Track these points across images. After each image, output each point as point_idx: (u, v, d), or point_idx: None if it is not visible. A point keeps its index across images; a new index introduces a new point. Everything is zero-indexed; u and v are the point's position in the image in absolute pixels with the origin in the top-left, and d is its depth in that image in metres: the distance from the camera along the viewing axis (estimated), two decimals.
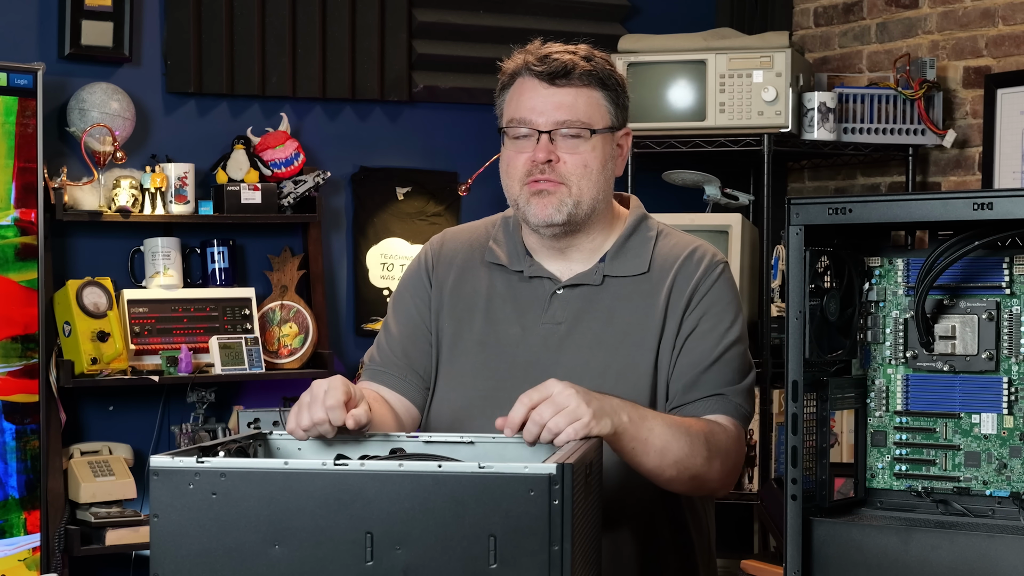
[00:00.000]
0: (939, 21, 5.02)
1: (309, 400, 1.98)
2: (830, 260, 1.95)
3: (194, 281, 4.64)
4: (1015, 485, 1.89)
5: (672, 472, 2.11)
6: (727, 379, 2.24)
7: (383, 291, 4.96)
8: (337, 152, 4.91)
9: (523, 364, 2.25)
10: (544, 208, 2.23)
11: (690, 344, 2.24)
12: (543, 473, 1.61)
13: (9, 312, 4.08)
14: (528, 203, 2.24)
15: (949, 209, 1.79)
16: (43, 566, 4.10)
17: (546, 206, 2.23)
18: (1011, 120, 4.74)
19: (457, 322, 2.32)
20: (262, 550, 1.65)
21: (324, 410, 1.96)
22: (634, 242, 2.31)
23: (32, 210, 4.11)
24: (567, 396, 1.94)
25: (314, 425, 1.97)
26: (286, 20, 4.74)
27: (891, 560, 1.83)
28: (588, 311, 2.26)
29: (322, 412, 1.96)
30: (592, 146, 2.23)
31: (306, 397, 1.99)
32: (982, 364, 1.91)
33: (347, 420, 1.96)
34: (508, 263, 2.32)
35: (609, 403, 2.00)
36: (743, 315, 2.31)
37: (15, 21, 4.41)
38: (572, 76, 2.22)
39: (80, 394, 4.44)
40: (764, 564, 4.55)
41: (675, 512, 2.28)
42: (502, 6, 5.15)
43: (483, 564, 1.61)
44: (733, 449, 2.21)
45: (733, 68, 4.70)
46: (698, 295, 2.25)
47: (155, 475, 1.69)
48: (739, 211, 4.81)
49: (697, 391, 2.22)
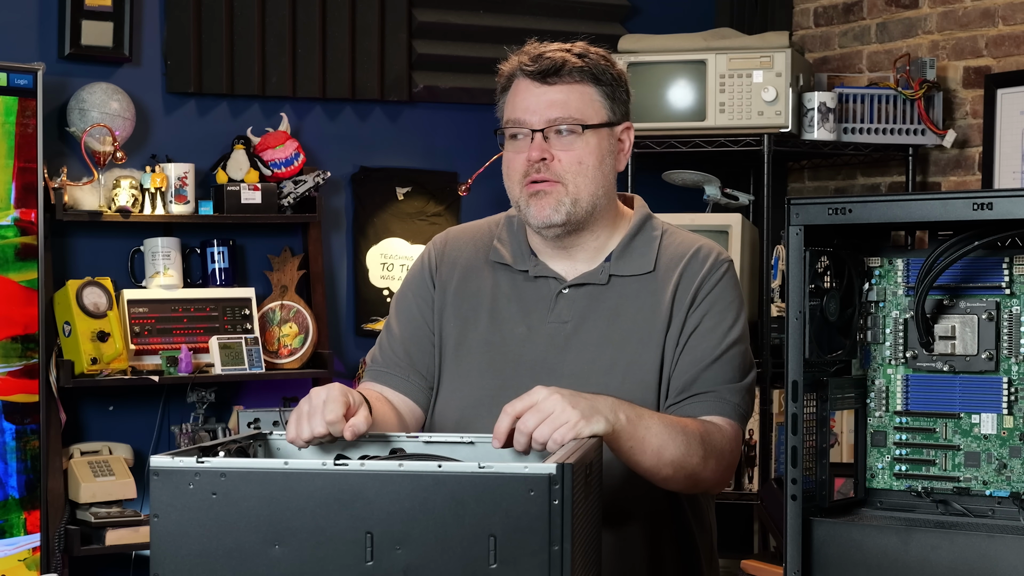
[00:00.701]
0: (939, 21, 5.02)
1: (308, 410, 1.97)
2: (830, 260, 1.95)
3: (194, 281, 4.64)
4: (1015, 485, 1.89)
5: (668, 471, 2.11)
6: (727, 377, 2.24)
7: (383, 291, 4.96)
8: (337, 152, 4.91)
9: (529, 363, 2.25)
10: (542, 209, 2.23)
11: (693, 342, 2.24)
12: (543, 473, 1.61)
13: (9, 312, 4.08)
14: (527, 205, 2.24)
15: (949, 209, 1.79)
16: (43, 566, 4.10)
17: (544, 207, 2.23)
18: (1011, 120, 4.74)
19: (462, 322, 2.32)
20: (262, 550, 1.65)
21: (324, 425, 1.95)
22: (639, 241, 2.31)
23: (32, 210, 4.11)
24: (552, 403, 1.92)
25: (314, 437, 1.97)
26: (286, 20, 4.75)
27: (891, 560, 1.83)
28: (594, 310, 2.27)
29: (322, 427, 1.95)
30: (586, 142, 2.23)
31: (305, 406, 1.98)
32: (982, 364, 1.91)
33: (345, 432, 1.96)
34: (513, 263, 2.33)
35: (603, 402, 1.99)
36: (746, 314, 2.32)
37: (15, 21, 4.41)
38: (563, 73, 2.22)
39: (80, 394, 4.44)
40: (764, 564, 4.55)
41: (677, 510, 2.28)
42: (502, 6, 5.15)
43: (483, 564, 1.61)
44: (728, 449, 2.20)
45: (733, 68, 4.70)
46: (702, 292, 2.26)
47: (155, 475, 1.69)
48: (739, 211, 4.81)
49: (696, 388, 2.22)
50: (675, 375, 2.23)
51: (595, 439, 1.91)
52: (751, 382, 2.28)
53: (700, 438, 2.14)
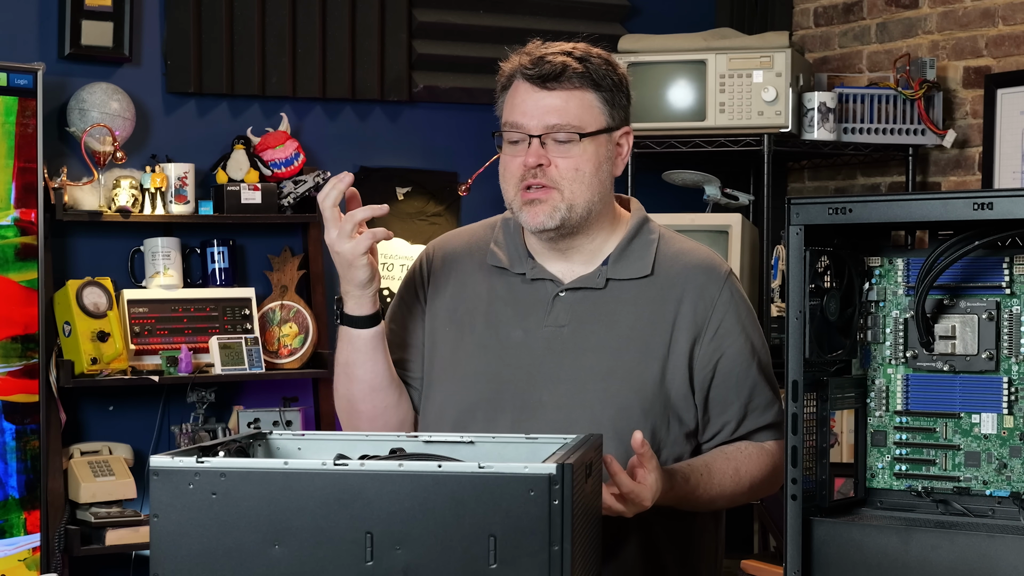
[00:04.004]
0: (939, 21, 5.02)
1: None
2: (830, 260, 1.95)
3: (194, 281, 4.64)
4: (1015, 485, 1.89)
5: (723, 504, 2.32)
6: (768, 399, 2.32)
7: (383, 291, 4.96)
8: (337, 152, 4.91)
9: (526, 367, 2.25)
10: (536, 216, 2.23)
11: (724, 366, 2.28)
12: (543, 473, 1.61)
13: (9, 312, 4.08)
14: (521, 210, 2.24)
15: (949, 209, 1.79)
16: (43, 566, 4.10)
17: (538, 214, 2.23)
18: (1011, 120, 4.74)
19: (458, 327, 2.32)
20: (262, 550, 1.65)
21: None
22: (637, 245, 2.31)
23: (32, 210, 4.11)
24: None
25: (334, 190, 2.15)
26: (286, 20, 4.74)
27: (891, 560, 1.83)
28: (591, 314, 2.26)
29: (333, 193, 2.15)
30: (583, 149, 2.23)
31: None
32: (982, 364, 1.91)
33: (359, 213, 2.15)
34: (510, 265, 2.32)
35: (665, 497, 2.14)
36: (755, 316, 2.35)
37: (15, 21, 4.41)
38: (563, 78, 2.22)
39: (80, 394, 4.44)
40: (764, 564, 4.55)
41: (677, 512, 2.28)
42: (502, 6, 5.15)
43: (483, 564, 1.61)
44: (771, 465, 2.32)
45: (733, 68, 4.70)
46: (716, 317, 2.28)
47: (155, 475, 1.69)
48: (739, 211, 4.81)
49: (748, 424, 2.31)
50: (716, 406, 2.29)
51: (596, 436, 1.92)
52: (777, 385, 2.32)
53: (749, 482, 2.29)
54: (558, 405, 2.22)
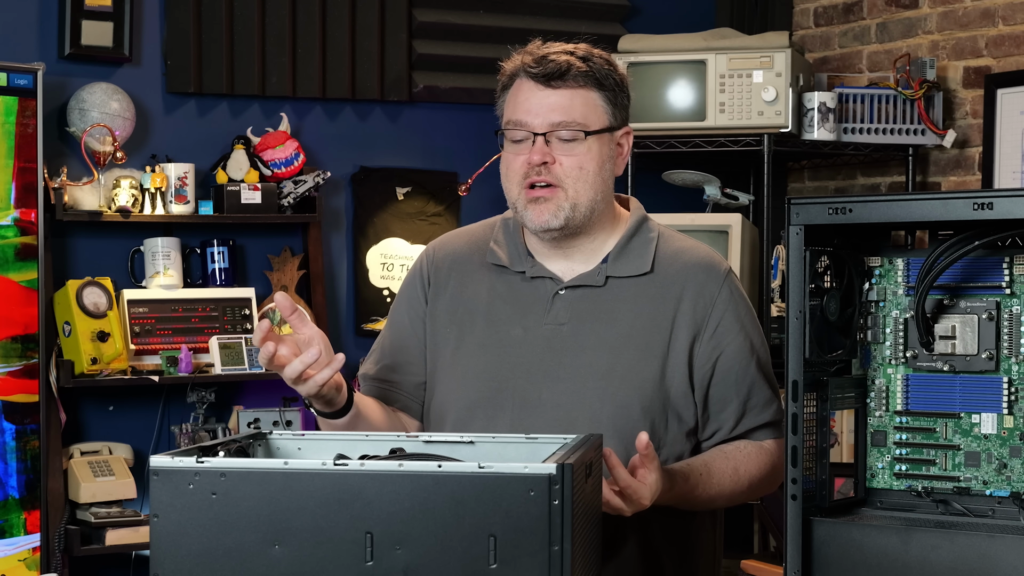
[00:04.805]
0: (939, 21, 5.02)
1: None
2: (830, 260, 1.95)
3: (194, 281, 4.64)
4: (1015, 485, 1.89)
5: (722, 504, 2.31)
6: (766, 397, 2.31)
7: (383, 291, 4.96)
8: (337, 152, 4.91)
9: (526, 365, 2.25)
10: (540, 215, 2.23)
11: (723, 364, 2.27)
12: (543, 473, 1.61)
13: (9, 312, 4.08)
14: (526, 209, 2.24)
15: (949, 209, 1.79)
16: (43, 566, 4.10)
17: (542, 212, 2.23)
18: (1011, 120, 4.74)
19: (459, 327, 2.33)
20: (262, 550, 1.65)
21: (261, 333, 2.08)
22: (636, 243, 2.31)
23: (32, 210, 4.11)
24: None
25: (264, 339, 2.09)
26: (286, 20, 4.74)
27: (891, 560, 1.83)
28: (591, 312, 2.27)
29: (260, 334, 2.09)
30: (588, 147, 2.23)
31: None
32: (982, 364, 1.91)
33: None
34: (509, 264, 2.32)
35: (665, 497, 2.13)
36: (754, 314, 2.35)
37: (15, 21, 4.41)
38: (567, 77, 2.22)
39: (80, 394, 4.44)
40: (764, 564, 4.55)
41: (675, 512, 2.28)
42: (502, 6, 5.15)
43: (483, 564, 1.61)
44: (770, 464, 2.31)
45: (733, 68, 4.70)
46: (716, 315, 2.28)
47: (155, 475, 1.69)
48: (739, 211, 4.81)
49: (747, 423, 2.30)
50: (715, 404, 2.28)
51: (597, 436, 1.92)
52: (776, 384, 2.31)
53: (748, 482, 2.28)
54: (558, 403, 2.22)
